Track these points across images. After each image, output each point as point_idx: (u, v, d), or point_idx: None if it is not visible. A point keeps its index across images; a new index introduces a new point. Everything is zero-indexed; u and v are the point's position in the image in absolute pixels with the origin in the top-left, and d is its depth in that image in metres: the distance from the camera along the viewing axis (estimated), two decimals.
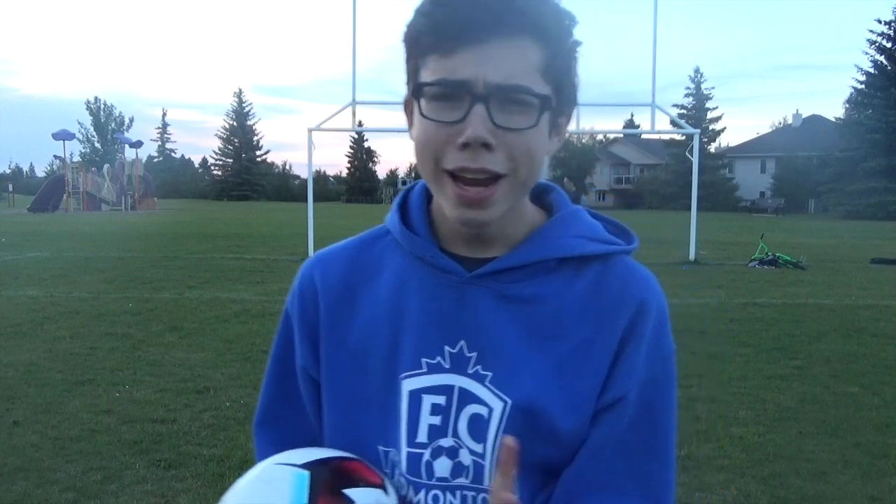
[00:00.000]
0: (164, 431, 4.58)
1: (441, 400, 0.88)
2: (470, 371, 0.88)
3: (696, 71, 66.56)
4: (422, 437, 0.88)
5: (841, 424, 4.87)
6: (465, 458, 0.87)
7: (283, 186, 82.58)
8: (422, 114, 0.82)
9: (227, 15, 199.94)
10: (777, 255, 14.77)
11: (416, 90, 0.83)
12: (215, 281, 11.73)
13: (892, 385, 5.83)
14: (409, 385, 0.89)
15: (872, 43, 50.30)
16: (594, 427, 0.88)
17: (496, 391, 0.87)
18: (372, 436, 0.90)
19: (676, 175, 59.50)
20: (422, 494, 0.88)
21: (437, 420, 0.88)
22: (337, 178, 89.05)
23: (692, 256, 15.40)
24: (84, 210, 42.43)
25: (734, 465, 4.14)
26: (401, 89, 0.91)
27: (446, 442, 0.87)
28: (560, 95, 0.85)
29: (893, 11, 52.78)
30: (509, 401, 0.86)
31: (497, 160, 0.81)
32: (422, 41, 0.82)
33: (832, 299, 10.39)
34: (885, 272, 13.99)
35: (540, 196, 0.96)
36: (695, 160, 15.38)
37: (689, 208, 16.44)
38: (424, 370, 0.89)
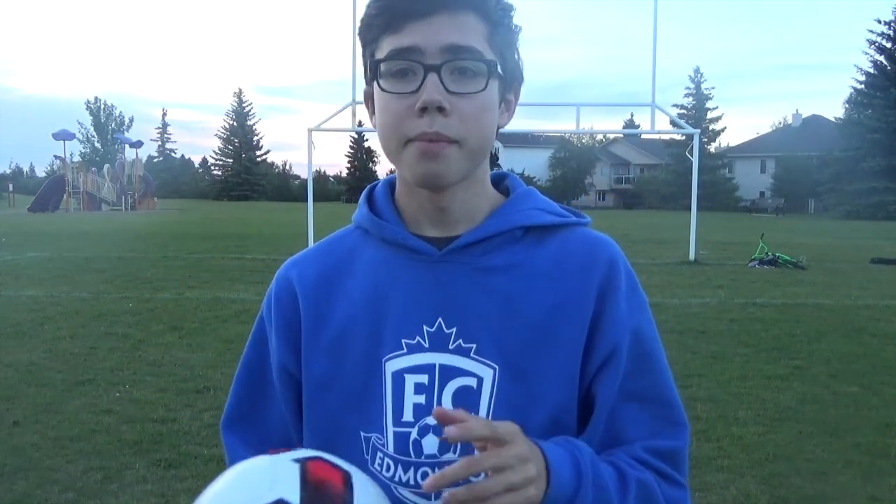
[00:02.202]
0: (164, 431, 4.58)
1: (423, 379, 0.91)
2: (451, 347, 0.91)
3: (696, 71, 66.50)
4: (407, 416, 0.91)
5: (841, 424, 4.87)
6: None
7: (283, 186, 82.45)
8: (382, 89, 0.89)
9: (228, 15, 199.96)
10: (777, 255, 14.76)
11: (373, 68, 0.89)
12: (215, 281, 11.73)
13: (892, 385, 5.83)
14: (391, 367, 0.92)
15: (872, 43, 50.25)
16: (597, 385, 0.93)
17: (483, 360, 0.91)
18: (353, 422, 0.93)
19: (676, 175, 59.46)
20: (411, 473, 0.91)
21: (421, 399, 0.91)
22: (337, 178, 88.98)
23: (692, 256, 15.40)
24: (84, 210, 42.42)
25: (734, 465, 4.14)
26: None
27: (433, 420, 0.89)
28: (505, 67, 0.92)
29: (893, 11, 52.59)
30: (496, 367, 0.91)
31: (451, 124, 0.86)
32: (374, 25, 0.89)
33: (832, 299, 10.39)
34: (885, 272, 13.98)
35: (497, 184, 1.02)
36: (695, 160, 15.38)
37: (689, 208, 16.44)
38: (404, 351, 0.92)
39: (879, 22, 50.06)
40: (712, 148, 63.88)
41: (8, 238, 19.82)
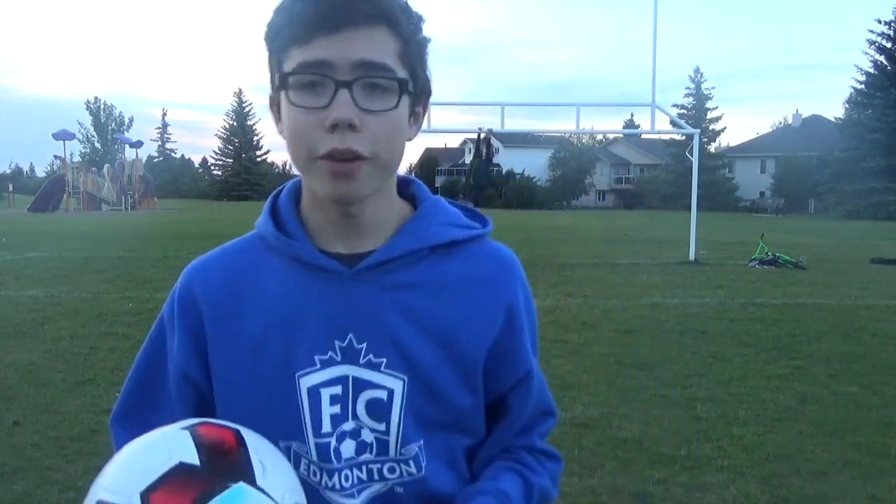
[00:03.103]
0: None
1: (338, 390, 0.95)
2: (362, 361, 0.95)
3: (696, 71, 66.45)
4: (326, 427, 0.95)
5: (841, 424, 4.87)
6: (367, 436, 0.96)
7: None
8: (290, 102, 0.88)
9: (227, 15, 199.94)
10: (777, 255, 14.75)
11: (282, 81, 0.88)
12: None
13: (892, 385, 5.83)
14: (306, 382, 0.95)
15: (872, 43, 50.23)
16: (513, 398, 1.04)
17: (392, 373, 0.95)
18: (271, 432, 0.94)
19: (676, 175, 59.47)
20: (336, 477, 0.96)
21: (336, 409, 0.95)
22: None
23: (692, 256, 15.39)
24: (84, 210, 42.40)
25: (734, 465, 4.13)
26: None
27: (348, 426, 0.95)
28: (416, 82, 0.92)
29: (893, 11, 52.49)
30: (405, 378, 0.95)
31: (361, 141, 0.86)
32: (282, 34, 0.88)
33: (832, 299, 10.38)
34: (885, 272, 13.98)
35: (402, 189, 1.03)
36: (695, 160, 15.38)
37: (689, 208, 16.44)
38: (318, 367, 0.95)
39: (879, 22, 50.10)
40: (712, 148, 63.86)
41: (8, 238, 19.81)
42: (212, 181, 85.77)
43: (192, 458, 0.80)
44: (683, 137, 48.98)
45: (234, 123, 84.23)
